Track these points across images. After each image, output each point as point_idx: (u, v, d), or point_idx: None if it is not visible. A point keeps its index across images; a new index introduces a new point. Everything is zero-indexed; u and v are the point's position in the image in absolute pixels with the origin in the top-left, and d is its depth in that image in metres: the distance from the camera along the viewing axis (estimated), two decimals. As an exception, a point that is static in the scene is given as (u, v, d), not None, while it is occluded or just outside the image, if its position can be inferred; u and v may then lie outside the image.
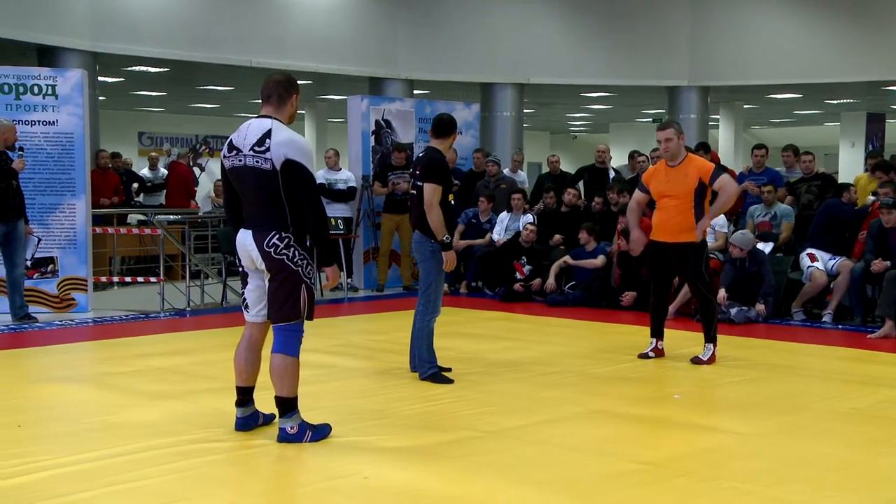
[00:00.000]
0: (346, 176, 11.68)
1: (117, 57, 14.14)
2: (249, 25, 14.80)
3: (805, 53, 16.32)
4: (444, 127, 6.24)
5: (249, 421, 4.89)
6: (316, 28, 15.54)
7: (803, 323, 8.91)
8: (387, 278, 11.69)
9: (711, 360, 6.79)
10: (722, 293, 8.81)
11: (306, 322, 4.70)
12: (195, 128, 26.92)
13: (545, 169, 13.83)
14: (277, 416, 4.71)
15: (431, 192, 6.01)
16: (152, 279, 10.76)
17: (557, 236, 11.04)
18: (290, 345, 4.63)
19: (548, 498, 3.94)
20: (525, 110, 18.41)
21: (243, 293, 4.84)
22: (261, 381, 4.86)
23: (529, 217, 11.33)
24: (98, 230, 10.70)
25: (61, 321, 9.00)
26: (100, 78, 14.89)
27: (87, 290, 9.68)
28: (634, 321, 8.69)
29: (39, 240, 9.38)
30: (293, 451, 4.56)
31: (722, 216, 9.90)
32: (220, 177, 15.64)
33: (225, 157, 4.69)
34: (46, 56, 13.00)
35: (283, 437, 4.64)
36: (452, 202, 6.26)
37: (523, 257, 10.62)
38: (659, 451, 4.72)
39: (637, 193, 7.04)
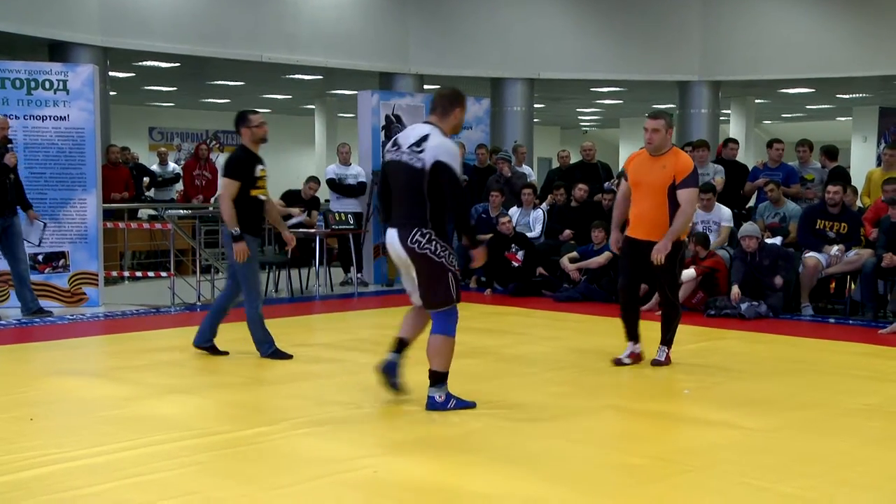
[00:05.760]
0: (357, 171, 11.70)
1: (128, 52, 14.18)
2: (260, 20, 14.81)
3: (817, 48, 16.25)
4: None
5: (390, 368, 5.36)
6: (326, 23, 15.54)
7: (813, 318, 8.89)
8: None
9: (668, 360, 6.51)
10: (735, 290, 8.79)
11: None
12: (206, 123, 26.98)
13: (555, 164, 13.81)
14: (429, 385, 5.22)
15: (223, 186, 6.53)
16: (163, 274, 10.78)
17: (568, 231, 11.02)
18: (446, 327, 5.14)
19: (559, 492, 3.94)
20: (535, 105, 18.38)
21: (403, 284, 5.44)
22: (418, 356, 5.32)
23: (539, 212, 11.33)
24: (109, 225, 10.72)
25: (72, 315, 9.03)
26: (110, 73, 14.92)
27: (97, 285, 9.72)
28: (645, 316, 8.67)
29: (45, 224, 9.36)
30: (304, 445, 4.57)
31: (727, 210, 9.89)
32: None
33: (388, 151, 5.28)
34: (57, 51, 13.03)
35: (431, 405, 5.18)
36: (263, 197, 6.67)
37: (513, 246, 10.64)
38: (669, 446, 4.71)
39: (623, 184, 6.62)
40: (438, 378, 5.19)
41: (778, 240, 9.55)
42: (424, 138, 5.07)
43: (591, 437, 4.90)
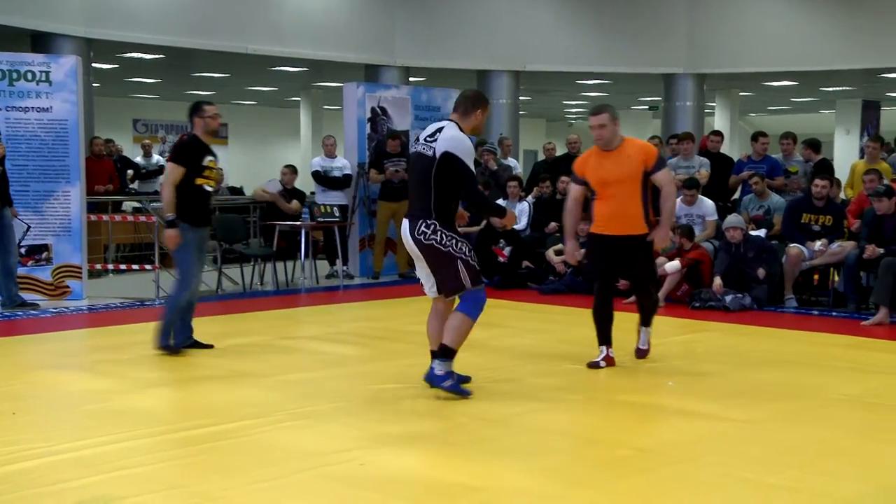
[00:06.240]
0: (342, 163, 11.68)
1: (111, 43, 14.07)
2: (245, 12, 14.73)
3: (801, 41, 16.31)
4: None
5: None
6: (312, 15, 15.48)
7: (797, 310, 8.94)
8: (382, 266, 11.69)
9: (649, 347, 6.41)
10: (717, 282, 8.84)
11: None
12: (190, 115, 26.80)
13: (541, 156, 13.82)
14: (433, 357, 5.33)
15: (167, 171, 6.52)
16: (147, 267, 10.74)
17: (553, 224, 11.03)
18: (470, 308, 5.27)
19: (545, 485, 3.95)
20: (521, 98, 18.38)
21: (417, 275, 5.55)
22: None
23: (525, 205, 11.33)
24: (93, 217, 10.67)
25: (56, 309, 8.99)
26: (94, 64, 14.82)
27: (81, 278, 9.66)
28: (629, 308, 8.70)
29: (28, 227, 9.31)
30: (288, 438, 4.57)
31: (710, 203, 9.93)
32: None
33: (412, 145, 5.53)
34: (40, 42, 12.93)
35: (430, 376, 5.30)
36: (209, 188, 6.59)
37: (501, 241, 10.67)
38: (654, 438, 4.73)
39: (573, 188, 6.26)
40: (446, 353, 5.28)
41: (762, 232, 9.60)
42: (439, 130, 5.28)
43: (576, 429, 4.91)
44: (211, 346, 6.78)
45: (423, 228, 5.23)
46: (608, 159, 6.04)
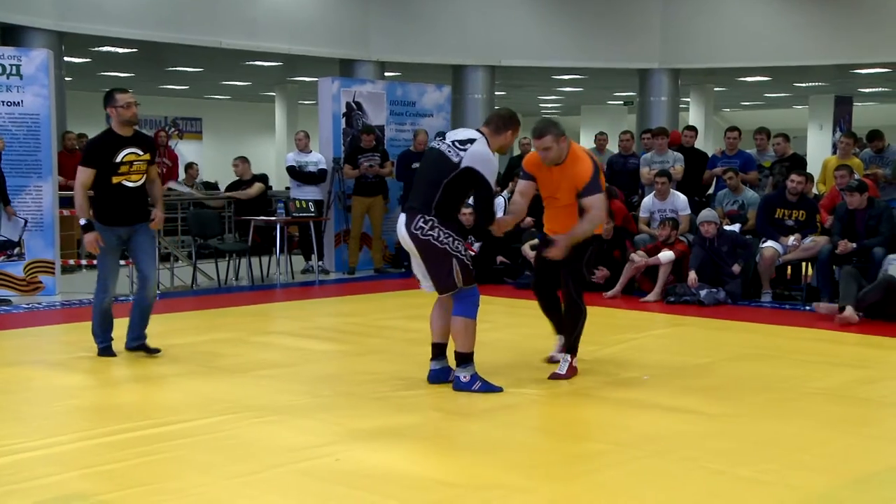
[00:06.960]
0: (317, 158, 11.64)
1: (83, 37, 13.93)
2: (219, 5, 14.63)
3: (775, 36, 16.42)
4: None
5: (440, 375, 5.53)
6: (287, 9, 15.41)
7: (771, 305, 9.01)
8: (358, 261, 11.66)
9: (570, 373, 5.80)
10: (692, 276, 8.89)
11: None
12: (164, 109, 26.64)
13: (516, 151, 13.83)
14: (454, 367, 5.39)
15: (77, 174, 6.18)
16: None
17: (528, 219, 11.03)
18: (466, 308, 5.29)
19: (519, 479, 3.95)
20: (497, 93, 18.39)
21: (413, 270, 5.61)
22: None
23: (500, 199, 11.33)
24: (65, 212, 10.56)
25: (28, 304, 8.90)
26: (66, 58, 14.68)
27: (54, 273, 9.58)
28: (610, 304, 8.75)
29: (26, 221, 9.24)
30: (263, 433, 4.55)
31: (683, 197, 9.97)
32: (190, 160, 15.40)
33: (432, 141, 5.34)
34: (10, 35, 12.77)
35: (457, 385, 5.35)
36: (130, 184, 6.22)
37: (470, 237, 10.69)
38: (629, 432, 4.75)
39: (522, 184, 5.99)
40: (463, 359, 5.34)
41: (736, 227, 9.66)
42: (471, 141, 5.26)
43: (551, 423, 4.92)
44: (158, 351, 6.41)
45: (420, 223, 5.21)
46: (557, 174, 5.81)
